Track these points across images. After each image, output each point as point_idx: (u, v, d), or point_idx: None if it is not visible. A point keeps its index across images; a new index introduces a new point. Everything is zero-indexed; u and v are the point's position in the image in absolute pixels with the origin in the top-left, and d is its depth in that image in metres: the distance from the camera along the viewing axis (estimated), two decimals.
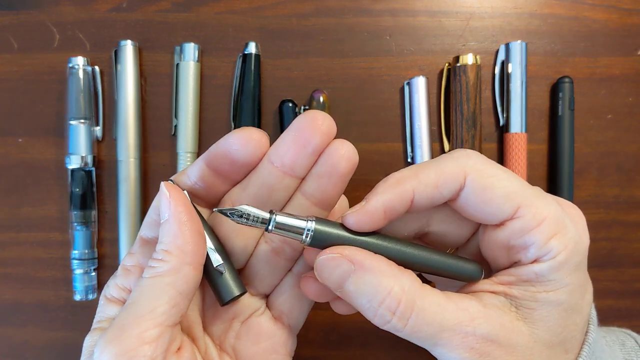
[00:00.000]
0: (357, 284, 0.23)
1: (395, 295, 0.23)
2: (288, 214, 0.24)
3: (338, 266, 0.23)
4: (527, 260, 0.24)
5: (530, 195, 0.24)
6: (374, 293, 0.23)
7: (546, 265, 0.23)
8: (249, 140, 0.25)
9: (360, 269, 0.23)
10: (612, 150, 0.45)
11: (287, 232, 0.24)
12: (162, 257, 0.24)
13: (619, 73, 0.45)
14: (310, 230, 0.23)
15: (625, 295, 0.45)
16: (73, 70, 0.42)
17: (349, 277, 0.23)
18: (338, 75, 0.44)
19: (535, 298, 0.23)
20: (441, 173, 0.24)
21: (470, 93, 0.43)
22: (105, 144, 0.44)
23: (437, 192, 0.24)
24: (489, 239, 0.25)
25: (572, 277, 0.24)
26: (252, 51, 0.43)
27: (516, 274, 0.24)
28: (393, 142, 0.44)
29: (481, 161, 0.24)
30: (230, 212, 0.23)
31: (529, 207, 0.23)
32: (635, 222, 0.45)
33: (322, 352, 0.44)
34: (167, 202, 0.24)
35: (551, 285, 0.23)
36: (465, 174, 0.23)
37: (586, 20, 0.45)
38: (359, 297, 0.23)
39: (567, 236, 0.24)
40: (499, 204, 0.23)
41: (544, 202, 0.24)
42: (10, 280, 0.44)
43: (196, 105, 0.43)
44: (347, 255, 0.23)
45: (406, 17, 0.44)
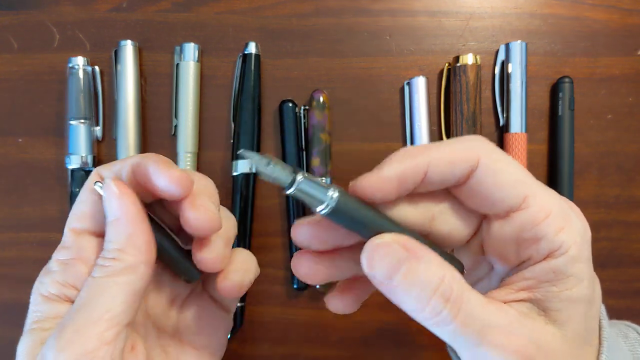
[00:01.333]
0: (411, 274, 0.22)
1: (448, 283, 0.22)
2: (313, 178, 0.22)
3: (391, 254, 0.22)
4: (540, 256, 0.23)
5: (536, 186, 0.23)
6: (427, 282, 0.21)
7: (562, 261, 0.23)
8: (177, 184, 0.24)
9: (413, 257, 0.22)
10: (612, 150, 0.45)
11: (307, 196, 0.22)
12: (116, 255, 0.24)
13: (619, 73, 0.45)
14: (332, 199, 0.22)
15: (626, 295, 0.45)
16: (73, 70, 0.42)
17: (402, 267, 0.22)
18: (338, 75, 0.44)
19: (559, 298, 0.23)
20: (455, 151, 0.23)
21: (470, 93, 0.43)
22: (105, 144, 0.44)
23: (450, 169, 0.23)
24: (496, 234, 0.24)
25: (587, 271, 0.24)
26: (252, 51, 0.43)
27: (533, 276, 0.23)
28: (393, 142, 0.44)
29: (493, 146, 0.24)
30: (260, 158, 0.22)
31: (535, 198, 0.23)
32: (635, 222, 0.45)
33: (322, 352, 0.44)
34: (117, 200, 0.24)
35: (571, 282, 0.23)
36: (478, 155, 0.23)
37: (586, 21, 0.45)
38: (411, 288, 0.21)
39: (575, 229, 0.23)
40: (508, 189, 0.23)
41: (548, 195, 0.24)
42: (10, 280, 0.44)
43: (196, 105, 0.43)
44: (401, 243, 0.22)
45: (406, 17, 0.44)
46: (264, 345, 0.44)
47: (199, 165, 0.44)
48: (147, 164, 0.24)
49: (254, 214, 0.44)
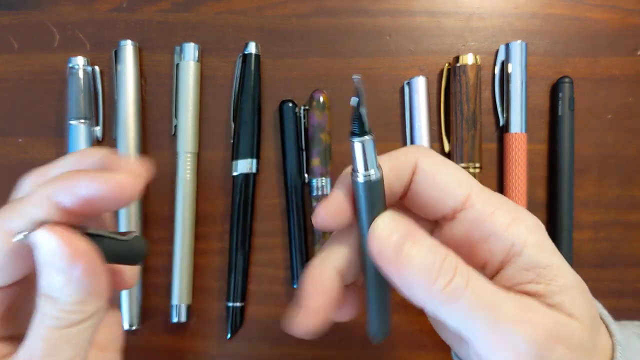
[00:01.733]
0: (419, 243, 0.21)
1: (453, 256, 0.22)
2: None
3: (401, 226, 0.22)
4: (496, 257, 0.23)
5: (478, 186, 0.24)
6: (435, 252, 0.21)
7: (526, 255, 0.22)
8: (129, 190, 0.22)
9: (418, 231, 0.22)
10: (612, 151, 0.45)
11: (363, 154, 0.24)
12: (76, 308, 0.21)
13: (619, 73, 0.45)
14: (377, 172, 0.23)
15: (627, 296, 0.45)
16: (73, 70, 0.42)
17: (411, 236, 0.21)
18: (338, 75, 0.44)
19: (552, 291, 0.22)
20: (395, 159, 0.24)
21: (470, 93, 0.43)
22: (105, 144, 0.44)
23: (394, 176, 0.24)
24: (447, 238, 0.24)
25: (559, 259, 0.23)
26: (252, 51, 0.43)
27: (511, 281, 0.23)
28: (393, 142, 0.44)
29: (431, 152, 0.25)
30: (363, 99, 0.23)
31: (478, 197, 0.23)
32: (636, 222, 0.45)
33: (322, 352, 0.44)
34: (67, 258, 0.20)
35: (551, 272, 0.22)
36: (417, 159, 0.24)
37: (587, 21, 0.45)
38: (420, 259, 0.21)
39: (526, 221, 0.23)
40: (449, 188, 0.23)
41: (492, 194, 0.24)
42: None
43: (196, 105, 0.43)
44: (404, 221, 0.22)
45: (406, 17, 0.44)
46: (264, 345, 0.44)
47: (199, 165, 0.44)
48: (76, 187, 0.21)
49: (254, 214, 0.44)
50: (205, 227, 0.44)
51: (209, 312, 0.43)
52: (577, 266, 0.44)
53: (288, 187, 0.43)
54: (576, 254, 0.44)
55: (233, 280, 0.42)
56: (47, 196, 0.21)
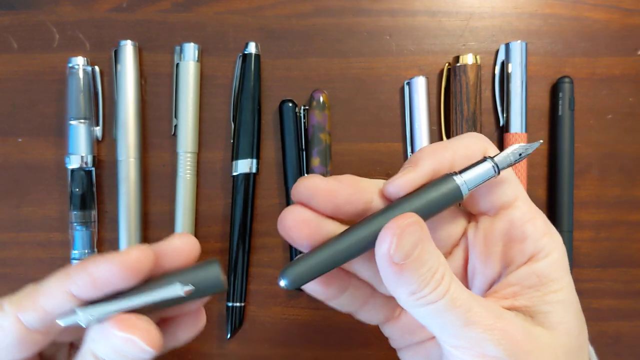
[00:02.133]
0: (422, 254, 0.22)
1: (444, 263, 0.22)
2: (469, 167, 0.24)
3: (414, 233, 0.22)
4: (523, 258, 0.24)
5: (524, 193, 0.25)
6: (433, 261, 0.22)
7: (545, 263, 0.23)
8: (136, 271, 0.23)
9: (426, 235, 0.22)
10: (613, 151, 0.45)
11: (475, 175, 0.23)
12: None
13: (620, 73, 0.45)
14: (463, 193, 0.23)
15: (628, 295, 0.45)
16: (73, 70, 0.42)
17: (419, 245, 0.22)
18: (338, 75, 0.44)
19: (545, 300, 0.23)
20: (469, 146, 0.25)
21: (470, 93, 0.43)
22: (105, 144, 0.44)
23: (467, 163, 0.24)
24: (484, 233, 0.25)
25: (569, 278, 0.24)
26: (252, 51, 0.43)
27: (517, 281, 0.24)
28: (393, 142, 0.44)
29: (493, 146, 0.25)
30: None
31: (523, 201, 0.24)
32: (636, 222, 0.45)
33: (322, 352, 0.44)
34: (140, 348, 0.22)
35: (555, 285, 0.23)
36: (485, 150, 0.24)
37: (587, 21, 0.45)
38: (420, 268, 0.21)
39: (556, 237, 0.24)
40: (506, 186, 0.24)
41: (534, 205, 0.25)
42: (10, 280, 0.44)
43: (196, 105, 0.43)
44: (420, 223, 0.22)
45: (406, 17, 0.44)
46: (264, 345, 0.44)
47: (199, 165, 0.44)
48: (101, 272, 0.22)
49: (254, 214, 0.44)
50: (205, 227, 0.44)
51: (209, 312, 0.43)
52: (577, 266, 0.44)
53: (288, 187, 0.43)
54: (576, 254, 0.44)
55: (233, 280, 0.42)
56: (60, 284, 0.22)
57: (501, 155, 0.24)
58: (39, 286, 0.23)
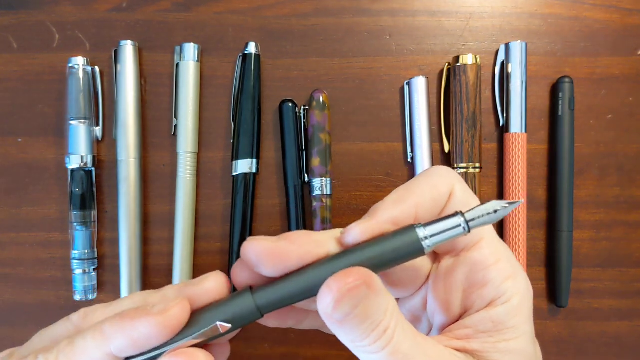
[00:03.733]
0: (366, 310, 0.21)
1: (389, 315, 0.21)
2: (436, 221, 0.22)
3: (357, 295, 0.21)
4: (483, 303, 0.23)
5: (491, 232, 0.24)
6: (376, 316, 0.21)
7: (502, 310, 0.23)
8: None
9: (372, 292, 0.21)
10: (613, 151, 0.45)
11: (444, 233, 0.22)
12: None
13: (619, 73, 0.45)
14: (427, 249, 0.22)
15: (627, 295, 0.45)
16: (73, 70, 0.42)
17: (361, 304, 0.21)
18: (338, 75, 0.44)
19: (496, 348, 0.23)
20: (436, 186, 0.23)
21: (470, 93, 0.43)
22: (105, 144, 0.44)
23: (434, 205, 0.23)
24: (445, 276, 0.24)
25: (527, 326, 0.23)
26: (252, 51, 0.43)
27: (472, 324, 0.23)
28: (393, 142, 0.44)
29: (462, 182, 0.24)
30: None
31: (489, 242, 0.23)
32: (636, 222, 0.45)
33: (322, 352, 0.44)
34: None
35: (510, 334, 0.23)
36: (452, 188, 0.23)
37: (586, 21, 0.45)
38: (362, 323, 0.21)
39: (520, 281, 0.23)
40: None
41: (500, 243, 0.24)
42: (10, 280, 0.44)
43: (196, 105, 0.43)
44: (368, 280, 0.21)
45: (406, 17, 0.44)
46: (264, 345, 0.44)
47: (199, 165, 0.44)
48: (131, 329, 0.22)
49: (254, 214, 0.44)
50: (205, 227, 0.44)
51: None
52: (577, 266, 0.45)
53: (288, 187, 0.43)
54: (576, 254, 0.44)
55: None
56: (98, 345, 0.22)
57: (474, 211, 0.21)
58: (73, 347, 0.22)
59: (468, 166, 0.43)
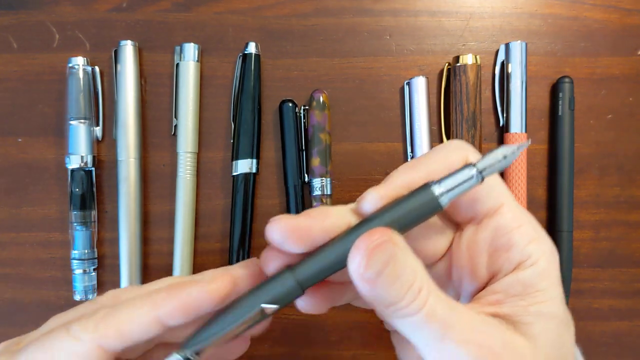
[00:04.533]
0: (396, 268, 0.21)
1: (420, 275, 0.21)
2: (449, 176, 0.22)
3: (384, 251, 0.21)
4: (510, 267, 0.23)
5: (511, 197, 0.24)
6: (407, 275, 0.21)
7: (530, 272, 0.23)
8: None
9: (400, 251, 0.21)
10: (612, 150, 0.45)
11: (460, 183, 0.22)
12: None
13: (619, 73, 0.45)
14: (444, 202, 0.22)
15: (627, 295, 0.45)
16: (73, 70, 0.42)
17: (391, 263, 0.21)
18: (338, 75, 0.44)
19: (528, 312, 0.23)
20: (447, 156, 0.24)
21: (470, 93, 0.43)
22: (105, 144, 0.44)
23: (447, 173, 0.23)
24: (469, 242, 0.24)
25: (557, 289, 0.23)
26: (252, 51, 0.43)
27: (501, 289, 0.23)
28: (393, 142, 0.44)
29: (476, 152, 0.24)
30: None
31: (510, 207, 0.24)
32: (635, 222, 0.45)
33: (322, 352, 0.44)
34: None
35: (540, 297, 0.23)
36: (466, 158, 0.24)
37: (586, 20, 0.45)
38: (394, 282, 0.21)
39: (544, 244, 0.23)
40: (490, 193, 0.23)
41: (521, 210, 0.24)
42: (10, 280, 0.44)
43: (196, 105, 0.43)
44: (392, 238, 0.21)
45: (406, 17, 0.44)
46: (263, 345, 0.44)
47: (199, 165, 0.44)
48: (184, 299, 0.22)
49: (254, 214, 0.44)
50: (205, 227, 0.44)
51: None
52: (577, 266, 0.44)
53: (288, 187, 0.43)
54: (576, 254, 0.44)
55: None
56: (147, 311, 0.22)
57: (484, 160, 0.22)
58: (118, 312, 0.23)
59: None
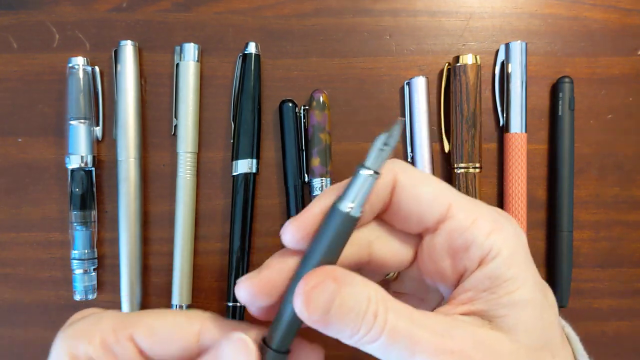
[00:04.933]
0: (344, 303, 0.21)
1: (374, 300, 0.22)
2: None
3: (325, 290, 0.21)
4: (474, 265, 0.23)
5: (458, 196, 0.24)
6: (358, 305, 0.21)
7: (495, 264, 0.22)
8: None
9: (342, 285, 0.21)
10: (612, 151, 0.45)
11: (359, 186, 0.23)
12: None
13: (619, 73, 0.45)
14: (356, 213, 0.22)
15: (626, 295, 0.45)
16: (73, 70, 0.42)
17: (335, 299, 0.21)
18: (338, 75, 0.44)
19: (501, 303, 0.22)
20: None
21: (470, 93, 0.43)
22: (105, 144, 0.44)
23: (374, 194, 0.23)
24: (429, 250, 0.24)
25: (526, 273, 0.23)
26: (252, 51, 0.43)
27: (470, 286, 0.23)
28: None
29: (408, 166, 0.24)
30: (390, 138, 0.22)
31: (459, 207, 0.23)
32: (635, 222, 0.45)
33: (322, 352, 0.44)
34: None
35: (510, 286, 0.22)
36: (395, 174, 0.24)
37: (586, 20, 0.45)
38: (345, 316, 0.21)
39: (505, 231, 0.23)
40: (430, 200, 0.23)
41: (473, 203, 0.24)
42: (10, 280, 0.44)
43: (196, 105, 0.43)
44: (331, 275, 0.21)
45: (406, 17, 0.44)
46: None
47: (199, 165, 0.44)
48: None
49: (254, 214, 0.44)
50: (205, 227, 0.44)
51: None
52: (577, 266, 0.45)
53: (288, 187, 0.43)
54: (576, 254, 0.44)
55: (233, 281, 0.42)
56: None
57: (369, 156, 0.22)
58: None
59: (468, 166, 0.43)
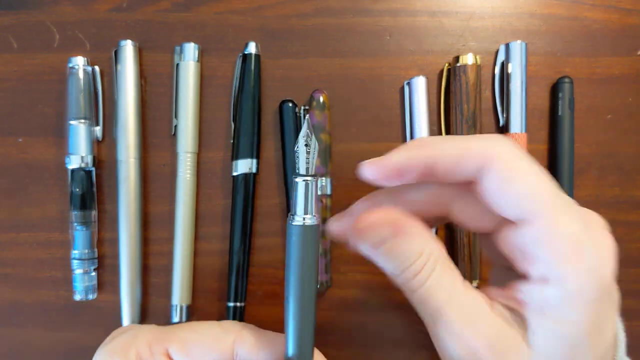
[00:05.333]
0: (393, 248, 0.22)
1: (423, 259, 0.22)
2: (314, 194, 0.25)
3: (377, 232, 0.22)
4: (536, 277, 0.22)
5: (553, 204, 0.22)
6: (406, 256, 0.22)
7: (554, 291, 0.21)
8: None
9: (399, 233, 0.22)
10: (612, 151, 0.45)
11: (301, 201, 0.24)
12: None
13: (619, 73, 0.45)
14: (312, 220, 0.24)
15: (626, 295, 0.44)
16: (73, 70, 0.42)
17: (386, 242, 0.22)
18: (338, 75, 0.44)
19: (542, 325, 0.21)
20: (466, 149, 0.22)
21: (470, 93, 0.43)
22: (105, 144, 0.44)
23: (456, 167, 0.22)
24: (505, 237, 0.23)
25: (586, 314, 0.21)
26: (252, 51, 0.43)
27: (528, 294, 0.22)
28: (393, 142, 0.44)
29: (512, 150, 0.22)
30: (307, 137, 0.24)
31: (547, 218, 0.21)
32: (635, 222, 0.45)
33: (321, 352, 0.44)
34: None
35: (559, 317, 0.21)
36: (491, 158, 0.21)
37: (586, 21, 0.45)
38: (392, 259, 0.22)
39: (584, 264, 0.22)
40: (515, 201, 0.22)
41: (567, 218, 0.22)
42: (10, 280, 0.44)
43: (196, 105, 0.43)
44: (391, 219, 0.23)
45: (406, 17, 0.44)
46: None
47: (199, 165, 0.44)
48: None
49: (254, 214, 0.44)
50: (205, 227, 0.44)
51: (209, 313, 0.43)
52: None
53: (288, 187, 0.43)
54: None
55: (233, 281, 0.42)
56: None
57: (299, 164, 0.24)
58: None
59: None
